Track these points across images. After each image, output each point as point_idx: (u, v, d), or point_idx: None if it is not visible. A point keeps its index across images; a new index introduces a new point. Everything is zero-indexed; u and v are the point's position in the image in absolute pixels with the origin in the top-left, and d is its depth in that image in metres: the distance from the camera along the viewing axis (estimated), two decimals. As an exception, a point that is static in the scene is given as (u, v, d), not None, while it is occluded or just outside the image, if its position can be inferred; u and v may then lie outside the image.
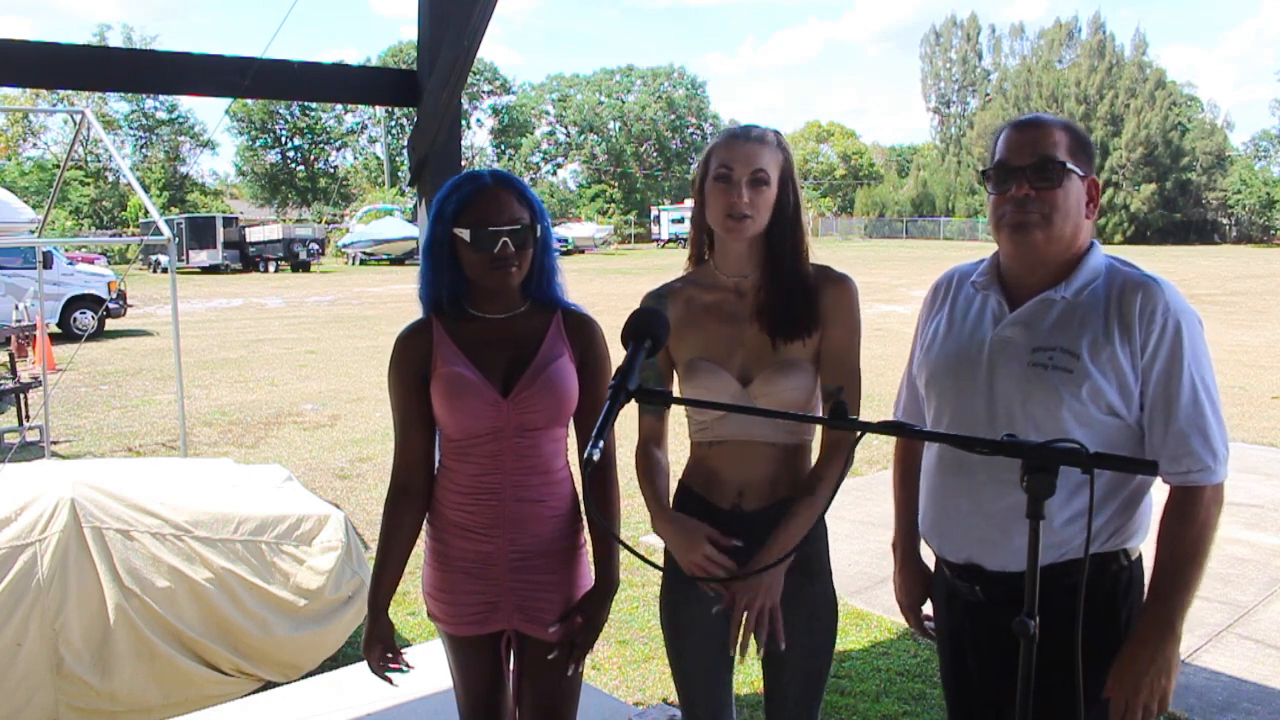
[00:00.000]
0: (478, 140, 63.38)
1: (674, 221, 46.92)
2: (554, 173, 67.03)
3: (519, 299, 2.03)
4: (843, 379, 1.99)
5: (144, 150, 50.79)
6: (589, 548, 2.11)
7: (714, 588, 2.01)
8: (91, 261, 21.63)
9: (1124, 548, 1.80)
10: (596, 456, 1.37)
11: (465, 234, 1.90)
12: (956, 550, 1.88)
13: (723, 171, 1.94)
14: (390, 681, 2.08)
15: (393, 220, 37.11)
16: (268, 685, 3.57)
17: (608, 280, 25.40)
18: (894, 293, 21.42)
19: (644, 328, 1.58)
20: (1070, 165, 1.73)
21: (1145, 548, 1.85)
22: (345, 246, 37.86)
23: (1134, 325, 1.70)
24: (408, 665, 2.07)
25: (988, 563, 1.82)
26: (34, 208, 15.04)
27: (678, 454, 2.03)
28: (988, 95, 63.91)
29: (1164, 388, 1.71)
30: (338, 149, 60.81)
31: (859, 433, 1.40)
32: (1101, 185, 1.93)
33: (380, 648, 2.05)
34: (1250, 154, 57.38)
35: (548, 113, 67.12)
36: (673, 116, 66.14)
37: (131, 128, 50.52)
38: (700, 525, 1.97)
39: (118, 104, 48.83)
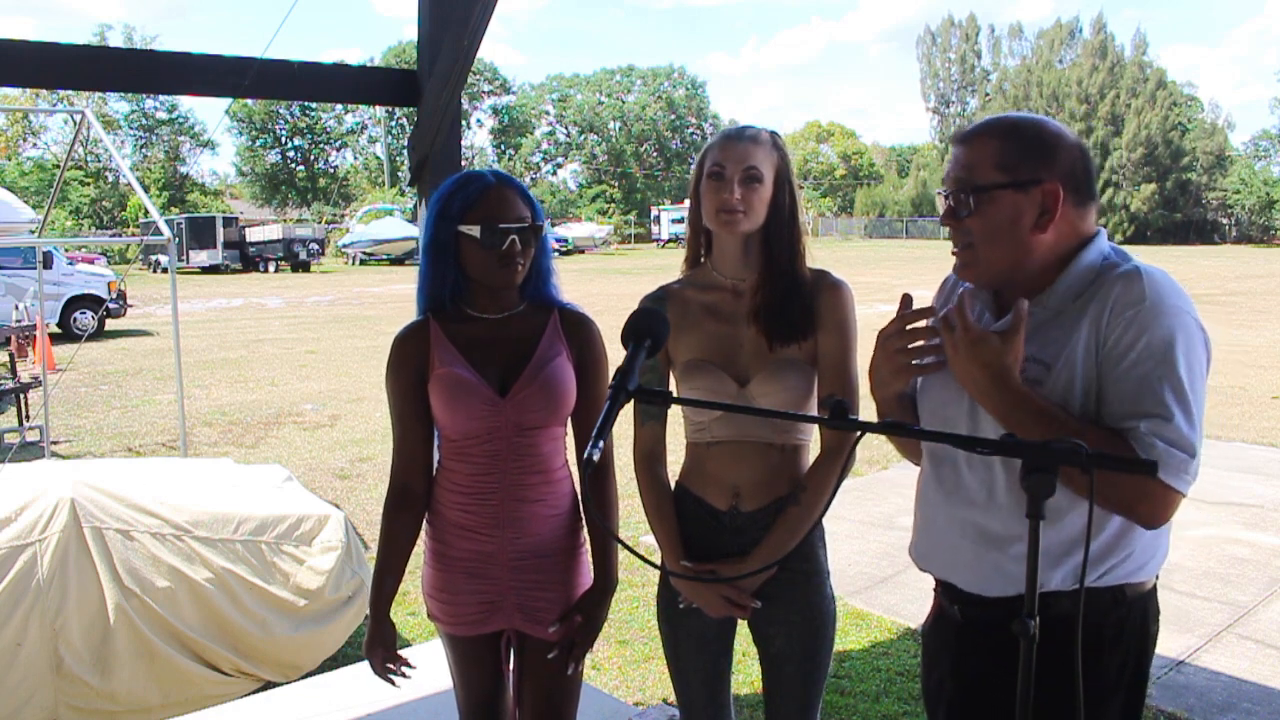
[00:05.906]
0: (478, 140, 63.50)
1: (674, 221, 46.89)
2: (554, 173, 67.10)
3: (516, 299, 2.03)
4: (840, 388, 1.99)
5: (144, 150, 50.80)
6: (588, 547, 2.11)
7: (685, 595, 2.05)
8: (91, 261, 21.61)
9: (1123, 584, 1.60)
10: (597, 457, 1.37)
11: (475, 231, 1.91)
12: (936, 566, 1.79)
13: (716, 170, 1.96)
14: (393, 684, 2.08)
15: (393, 220, 37.11)
16: (268, 685, 3.57)
17: (608, 280, 25.40)
18: (894, 292, 21.33)
19: (644, 328, 1.57)
20: (992, 183, 1.58)
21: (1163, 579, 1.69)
22: (345, 246, 37.86)
23: (1103, 319, 1.53)
24: (410, 669, 2.07)
25: (962, 583, 1.72)
26: (34, 208, 15.01)
27: (675, 454, 2.03)
28: (987, 95, 63.92)
29: (1119, 368, 1.52)
30: (338, 149, 60.85)
31: (859, 433, 1.39)
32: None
33: (383, 652, 2.05)
34: (1250, 154, 57.41)
35: (548, 113, 67.11)
36: (673, 116, 66.12)
37: (131, 128, 50.55)
38: (715, 586, 2.00)
39: (118, 104, 48.91)
